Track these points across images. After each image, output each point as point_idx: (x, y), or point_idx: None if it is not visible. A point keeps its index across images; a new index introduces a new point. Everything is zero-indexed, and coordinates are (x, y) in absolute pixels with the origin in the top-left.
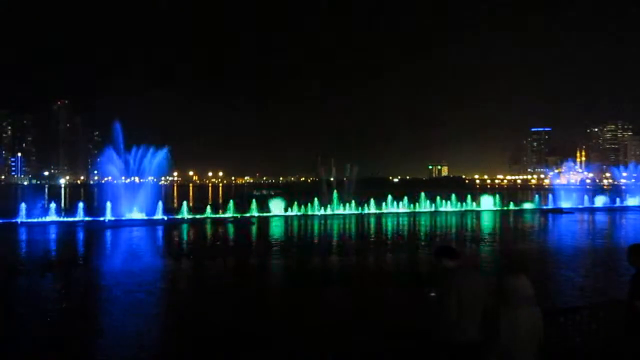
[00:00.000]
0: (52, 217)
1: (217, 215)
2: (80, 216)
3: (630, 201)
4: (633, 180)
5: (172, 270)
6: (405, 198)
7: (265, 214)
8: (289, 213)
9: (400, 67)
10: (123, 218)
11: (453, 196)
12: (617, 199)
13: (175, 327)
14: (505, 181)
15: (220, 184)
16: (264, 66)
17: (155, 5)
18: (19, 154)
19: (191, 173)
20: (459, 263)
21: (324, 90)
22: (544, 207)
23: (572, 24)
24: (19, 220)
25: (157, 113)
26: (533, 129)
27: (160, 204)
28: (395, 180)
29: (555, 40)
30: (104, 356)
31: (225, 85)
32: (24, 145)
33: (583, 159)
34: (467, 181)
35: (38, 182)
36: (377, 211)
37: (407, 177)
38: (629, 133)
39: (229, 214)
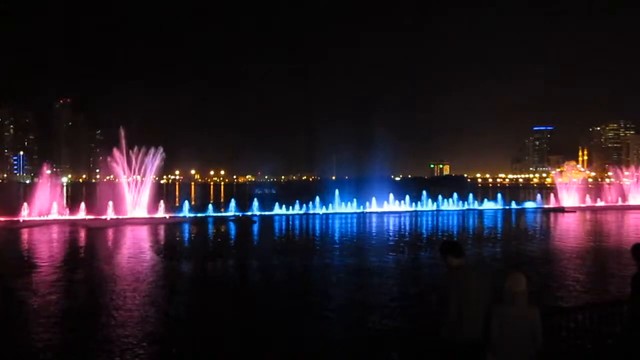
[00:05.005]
0: (54, 215)
1: (219, 214)
2: (82, 215)
3: (632, 200)
4: (635, 180)
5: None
6: (407, 197)
7: (266, 213)
8: (291, 212)
9: (402, 66)
10: (125, 217)
11: (455, 195)
12: (619, 198)
13: None
14: (507, 180)
15: (222, 183)
16: (264, 66)
17: (155, 4)
18: (21, 152)
19: (193, 172)
20: (463, 262)
21: (325, 91)
22: (546, 207)
23: (574, 23)
24: (20, 218)
25: (159, 112)
26: (535, 128)
27: (162, 202)
28: (397, 178)
29: (557, 39)
30: None
31: (226, 84)
32: (26, 143)
33: (585, 157)
34: (469, 180)
35: (40, 181)
36: (379, 210)
37: (409, 176)
38: (631, 132)
39: (230, 213)
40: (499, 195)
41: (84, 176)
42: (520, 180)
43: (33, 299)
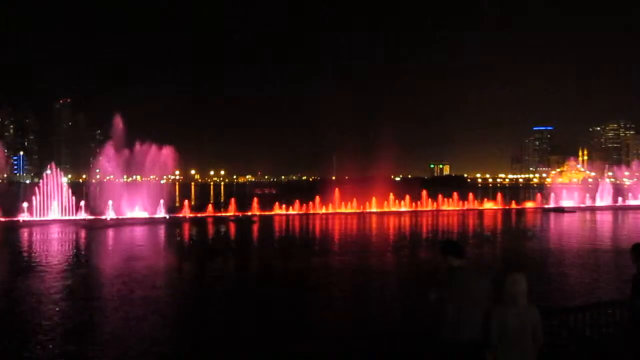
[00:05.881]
0: (54, 215)
1: (219, 214)
2: (82, 215)
3: (633, 200)
4: (635, 180)
5: None
6: (407, 197)
7: (266, 212)
8: (291, 212)
9: (402, 66)
10: (125, 217)
11: (455, 195)
12: (619, 198)
13: None
14: (507, 180)
15: (222, 183)
16: (264, 64)
17: (155, 4)
18: (21, 152)
19: (193, 172)
20: (464, 262)
21: (325, 91)
22: (546, 207)
23: (574, 22)
24: (20, 219)
25: (159, 112)
26: (535, 128)
27: (161, 202)
28: (397, 178)
29: (557, 38)
30: None
31: (226, 83)
32: (26, 143)
33: (585, 157)
34: (469, 180)
35: (40, 181)
36: (379, 210)
37: (409, 176)
38: (631, 132)
39: (230, 213)
40: (499, 195)
41: (84, 176)
42: (520, 180)
43: (31, 299)
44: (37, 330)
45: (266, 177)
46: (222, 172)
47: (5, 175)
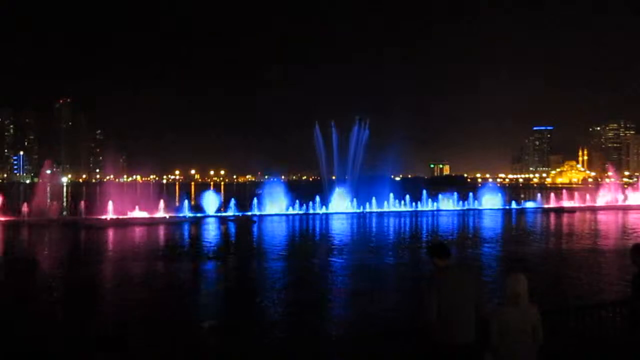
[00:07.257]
0: (53, 215)
1: (219, 214)
2: (82, 215)
3: (633, 200)
4: (635, 180)
5: None
6: (408, 197)
7: (266, 213)
8: (290, 212)
9: (401, 65)
10: (125, 216)
11: (455, 195)
12: (619, 198)
13: None
14: (507, 180)
15: (222, 183)
16: (262, 64)
17: (155, 5)
18: (21, 152)
19: (193, 172)
20: (447, 263)
21: (325, 90)
22: (546, 207)
23: (574, 22)
24: (20, 218)
25: (159, 111)
26: (535, 128)
27: (162, 202)
28: (397, 178)
29: (557, 38)
30: None
31: (225, 83)
32: (26, 143)
33: (585, 157)
34: (469, 180)
35: (38, 180)
36: (379, 210)
37: (409, 176)
38: (631, 132)
39: (230, 213)
40: (499, 195)
41: (84, 176)
42: (520, 180)
43: (29, 299)
44: (33, 331)
45: (266, 177)
46: (222, 172)
47: (5, 175)
